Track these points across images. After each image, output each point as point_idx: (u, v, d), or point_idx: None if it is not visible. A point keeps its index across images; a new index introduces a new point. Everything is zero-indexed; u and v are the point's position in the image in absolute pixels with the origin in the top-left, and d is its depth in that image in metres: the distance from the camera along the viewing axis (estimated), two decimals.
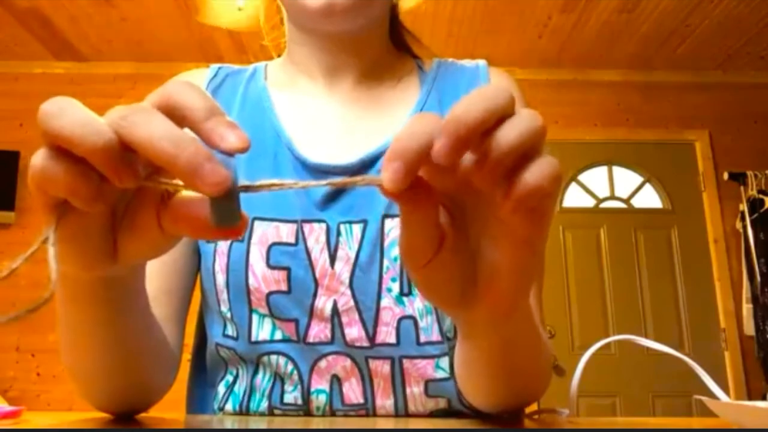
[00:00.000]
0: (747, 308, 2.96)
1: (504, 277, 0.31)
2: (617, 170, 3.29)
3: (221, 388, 0.62)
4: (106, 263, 0.32)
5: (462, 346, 0.43)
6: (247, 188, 0.28)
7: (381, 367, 0.57)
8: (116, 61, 3.28)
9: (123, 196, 0.31)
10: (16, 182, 3.09)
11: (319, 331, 0.57)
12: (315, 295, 0.57)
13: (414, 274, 0.32)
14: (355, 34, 0.63)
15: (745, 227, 3.02)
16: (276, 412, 0.58)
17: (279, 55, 0.72)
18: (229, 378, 0.61)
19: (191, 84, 0.28)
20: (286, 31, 0.68)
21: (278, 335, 0.57)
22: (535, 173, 0.27)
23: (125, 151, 0.26)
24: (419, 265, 0.31)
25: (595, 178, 3.28)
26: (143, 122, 0.26)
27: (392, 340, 0.56)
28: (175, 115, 0.27)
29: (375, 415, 0.57)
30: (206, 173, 0.26)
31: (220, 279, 0.58)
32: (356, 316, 0.57)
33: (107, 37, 3.08)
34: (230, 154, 0.27)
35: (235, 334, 0.58)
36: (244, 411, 0.59)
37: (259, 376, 0.59)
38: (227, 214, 0.28)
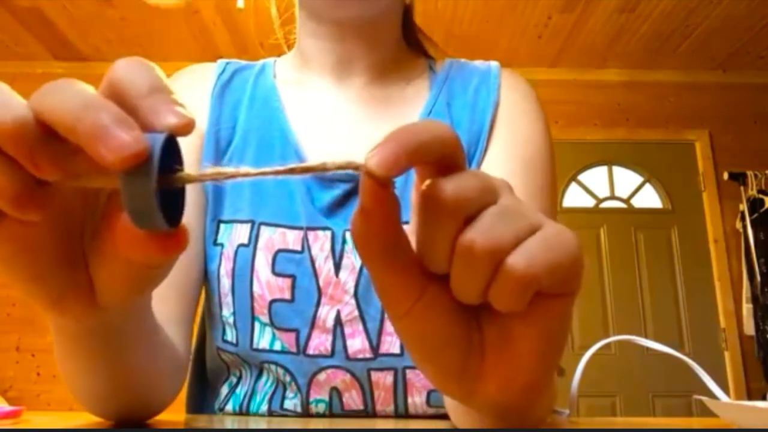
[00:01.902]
0: (747, 308, 2.95)
1: (522, 347, 0.24)
2: (617, 170, 3.29)
3: (224, 389, 0.61)
4: (83, 306, 0.28)
5: (456, 405, 0.39)
6: (172, 179, 0.22)
7: (383, 379, 0.56)
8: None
9: (78, 212, 0.27)
10: None
11: (319, 343, 0.56)
12: (318, 304, 0.55)
13: (395, 324, 0.26)
14: (366, 25, 0.62)
15: (745, 227, 3.01)
16: (274, 415, 0.58)
17: (289, 49, 0.71)
18: (233, 379, 0.61)
19: (140, 60, 0.24)
20: (297, 23, 0.66)
21: (277, 346, 0.56)
22: (524, 255, 0.22)
23: (48, 136, 0.22)
24: (398, 312, 0.25)
25: (595, 178, 3.28)
26: (58, 90, 0.22)
27: (396, 350, 0.55)
28: (114, 93, 0.23)
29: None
30: (113, 135, 0.20)
31: (225, 283, 0.56)
32: (360, 327, 0.56)
33: (107, 37, 3.08)
34: (178, 133, 0.22)
35: (234, 340, 0.57)
36: (243, 412, 0.59)
37: (263, 379, 0.58)
38: (144, 207, 0.21)
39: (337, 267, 0.56)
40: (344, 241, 0.56)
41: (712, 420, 0.55)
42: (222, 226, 0.59)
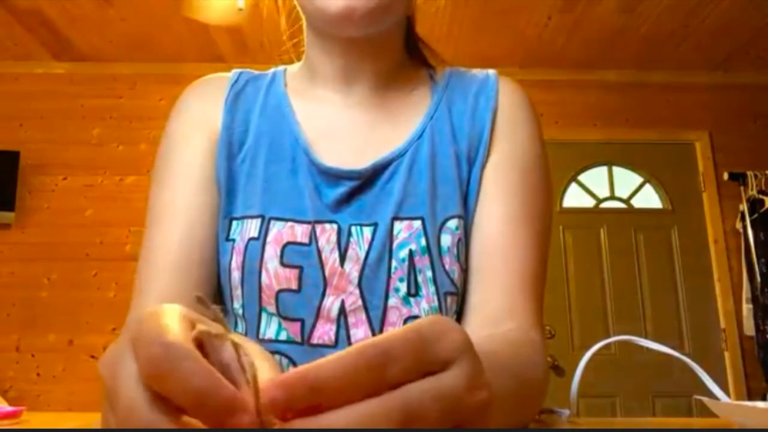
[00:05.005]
0: (747, 308, 2.95)
1: None
2: (617, 170, 3.29)
3: None
4: None
5: None
6: None
7: None
8: (116, 61, 3.28)
9: None
10: (16, 182, 3.08)
11: (323, 332, 0.58)
12: (323, 294, 0.58)
13: None
14: (371, 40, 0.65)
15: (745, 227, 3.01)
16: None
17: (297, 59, 0.74)
18: None
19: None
20: (305, 37, 0.70)
21: (283, 336, 0.59)
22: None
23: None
24: None
25: (595, 178, 3.28)
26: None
27: None
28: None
29: None
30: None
31: (236, 276, 0.60)
32: (363, 316, 0.58)
33: (107, 37, 3.08)
34: None
35: (243, 332, 0.61)
36: None
37: None
38: None
39: (342, 258, 0.59)
40: (349, 234, 0.60)
41: (712, 420, 0.55)
42: (234, 222, 0.62)
